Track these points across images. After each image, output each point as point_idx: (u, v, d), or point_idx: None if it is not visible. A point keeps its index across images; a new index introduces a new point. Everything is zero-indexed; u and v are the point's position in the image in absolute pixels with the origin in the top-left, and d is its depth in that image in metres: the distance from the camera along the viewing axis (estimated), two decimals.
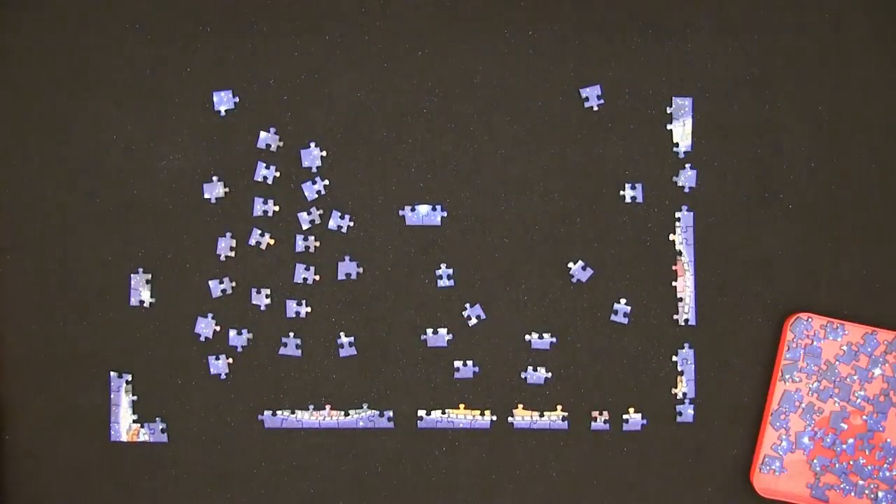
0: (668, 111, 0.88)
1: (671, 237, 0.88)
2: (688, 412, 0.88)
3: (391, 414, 0.88)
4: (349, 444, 0.88)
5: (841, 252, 0.89)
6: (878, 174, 0.89)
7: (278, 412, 0.88)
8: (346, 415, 0.88)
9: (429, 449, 0.89)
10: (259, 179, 0.87)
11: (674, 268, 0.88)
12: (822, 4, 0.88)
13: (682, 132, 0.88)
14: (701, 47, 0.88)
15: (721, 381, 0.89)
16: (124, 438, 0.88)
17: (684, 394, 0.89)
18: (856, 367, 0.86)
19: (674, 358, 0.88)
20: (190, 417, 0.88)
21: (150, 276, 0.87)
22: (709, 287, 0.89)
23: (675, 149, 0.88)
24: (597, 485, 0.89)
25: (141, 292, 0.87)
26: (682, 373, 0.89)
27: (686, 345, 0.88)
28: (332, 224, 0.88)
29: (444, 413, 0.88)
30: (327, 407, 0.88)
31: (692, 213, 0.88)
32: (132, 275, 0.87)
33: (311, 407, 0.88)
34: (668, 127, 0.88)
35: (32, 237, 0.87)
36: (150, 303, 0.88)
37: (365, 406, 0.88)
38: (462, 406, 0.88)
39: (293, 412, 0.88)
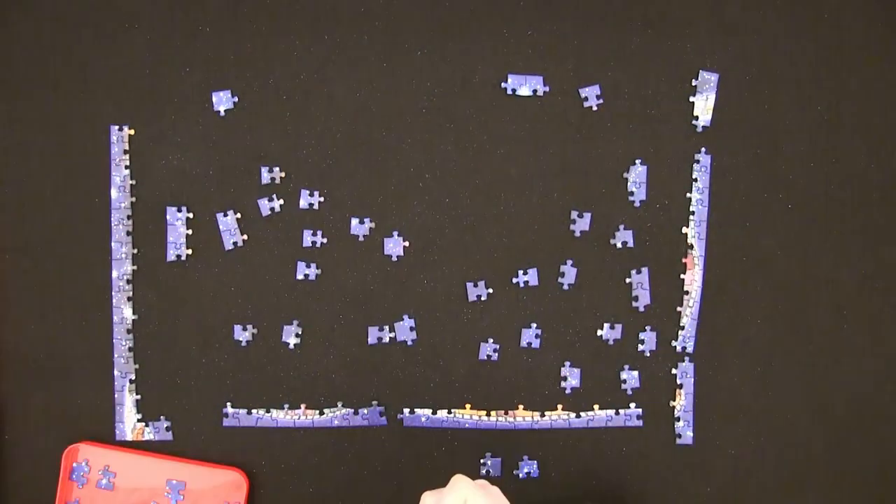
0: (693, 84, 0.88)
1: (684, 229, 0.88)
2: (687, 434, 0.89)
3: (391, 413, 0.89)
4: (349, 443, 0.89)
5: (841, 252, 0.89)
6: (878, 174, 0.89)
7: (272, 410, 0.88)
8: (355, 413, 0.89)
9: (428, 449, 0.89)
10: (266, 182, 0.87)
11: (684, 259, 0.88)
12: (822, 4, 0.88)
13: (703, 106, 0.87)
14: (700, 47, 0.88)
15: (720, 382, 0.89)
16: (130, 437, 0.88)
17: (682, 406, 0.89)
18: None
19: (673, 371, 0.89)
20: (191, 416, 0.88)
21: (150, 275, 0.88)
22: (708, 287, 0.89)
23: (673, 149, 0.88)
24: (596, 484, 0.89)
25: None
26: (681, 385, 0.89)
27: (687, 359, 0.89)
28: (331, 224, 0.88)
29: (449, 413, 0.89)
30: (339, 405, 0.88)
31: (706, 209, 0.88)
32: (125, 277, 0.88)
33: (304, 406, 0.88)
34: (685, 104, 0.87)
35: (32, 237, 0.87)
36: (151, 302, 0.88)
37: (374, 403, 0.89)
38: (468, 406, 0.89)
39: (291, 409, 0.88)
